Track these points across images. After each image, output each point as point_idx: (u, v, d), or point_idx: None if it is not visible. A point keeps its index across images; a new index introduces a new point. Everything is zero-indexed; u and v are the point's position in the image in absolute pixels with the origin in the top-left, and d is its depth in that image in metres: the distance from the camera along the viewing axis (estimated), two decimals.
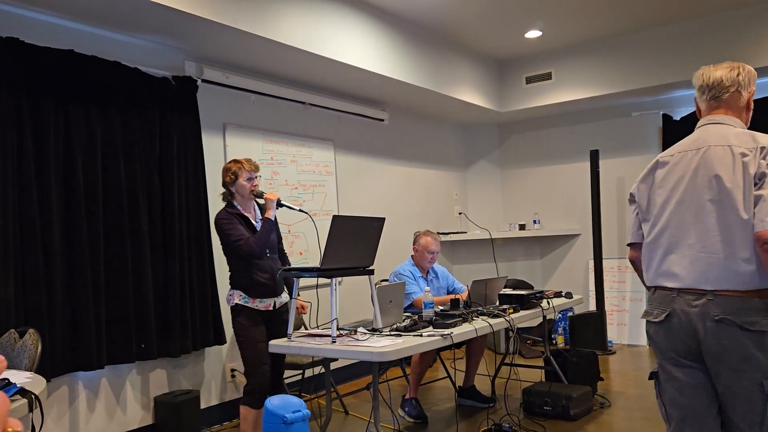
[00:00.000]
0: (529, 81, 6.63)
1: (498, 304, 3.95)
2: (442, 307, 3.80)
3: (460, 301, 3.78)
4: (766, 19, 5.39)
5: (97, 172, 3.61)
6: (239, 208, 3.46)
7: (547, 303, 4.10)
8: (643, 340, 6.40)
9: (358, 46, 4.79)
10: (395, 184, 6.30)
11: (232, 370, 4.43)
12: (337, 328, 3.16)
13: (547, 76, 6.53)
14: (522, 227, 7.07)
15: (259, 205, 3.60)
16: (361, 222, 3.21)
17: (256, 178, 3.47)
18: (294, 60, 4.51)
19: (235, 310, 3.41)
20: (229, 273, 3.48)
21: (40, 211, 3.35)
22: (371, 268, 3.25)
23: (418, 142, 6.71)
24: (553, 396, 4.07)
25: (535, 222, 7.10)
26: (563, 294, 4.51)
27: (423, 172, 6.77)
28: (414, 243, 4.50)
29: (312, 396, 4.75)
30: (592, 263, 6.49)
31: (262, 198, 3.47)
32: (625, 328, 6.55)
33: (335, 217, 2.96)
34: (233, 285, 3.45)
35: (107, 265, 3.65)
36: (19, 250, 3.25)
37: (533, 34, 5.90)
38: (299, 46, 4.24)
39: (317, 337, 3.17)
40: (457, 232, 6.94)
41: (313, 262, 4.91)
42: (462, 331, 3.26)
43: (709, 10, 5.52)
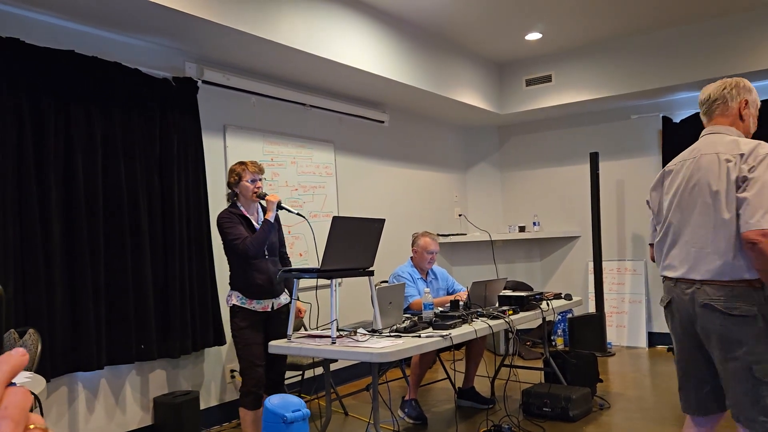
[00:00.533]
0: (529, 83, 6.64)
1: (497, 305, 3.95)
2: (441, 309, 3.80)
3: (460, 303, 3.79)
4: (765, 22, 5.41)
5: (97, 173, 3.61)
6: (242, 209, 3.48)
7: (547, 305, 4.10)
8: (643, 342, 6.41)
9: (358, 48, 4.80)
10: (395, 186, 6.31)
11: (232, 371, 4.43)
12: (337, 329, 3.16)
13: (547, 79, 6.54)
14: (522, 229, 7.07)
15: (262, 207, 3.62)
16: (361, 223, 3.22)
17: (260, 180, 3.49)
18: (294, 61, 4.52)
19: (233, 310, 3.44)
20: (228, 273, 3.50)
21: (41, 211, 3.35)
22: (371, 269, 3.26)
23: (418, 143, 6.71)
24: (553, 397, 4.07)
25: (534, 224, 7.11)
26: (563, 296, 4.52)
27: (423, 174, 6.77)
28: (413, 244, 4.50)
29: (312, 397, 4.75)
30: (591, 265, 6.50)
31: (264, 199, 3.49)
32: (625, 330, 6.55)
33: (335, 218, 2.97)
34: (232, 286, 3.47)
35: (107, 265, 3.66)
36: (19, 250, 3.25)
37: (533, 36, 5.91)
38: (300, 48, 4.25)
39: (317, 338, 3.17)
40: (456, 234, 6.95)
41: (313, 263, 4.91)
42: (461, 332, 3.26)
43: (708, 14, 5.53)
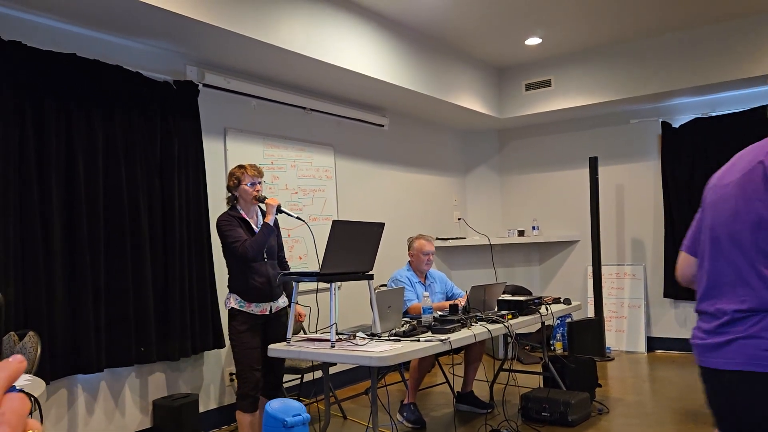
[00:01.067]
0: (529, 88, 6.66)
1: (497, 309, 3.96)
2: (440, 313, 3.81)
3: (459, 307, 3.79)
4: (764, 28, 5.43)
5: (98, 175, 3.62)
6: (241, 212, 3.49)
7: (546, 309, 4.10)
8: (642, 346, 6.41)
9: (358, 52, 4.81)
10: (395, 190, 6.32)
11: (231, 374, 4.43)
12: (336, 333, 3.16)
13: (547, 83, 6.56)
14: (521, 233, 7.08)
15: (262, 211, 3.62)
16: (360, 227, 3.23)
17: (259, 184, 3.50)
18: (295, 65, 4.53)
19: (231, 313, 3.43)
20: (227, 276, 3.50)
21: (41, 213, 3.36)
22: (370, 273, 3.26)
23: (417, 147, 6.72)
24: (552, 402, 4.07)
25: (534, 228, 7.12)
26: (562, 300, 4.52)
27: (422, 178, 6.78)
28: (409, 249, 4.51)
29: (311, 400, 4.75)
30: (590, 270, 6.51)
31: (264, 203, 3.50)
32: (624, 334, 6.55)
33: (335, 222, 2.98)
34: (231, 288, 3.47)
35: (107, 267, 3.66)
36: (19, 252, 3.26)
37: (533, 41, 5.93)
38: (300, 52, 4.26)
39: (316, 342, 3.18)
40: (456, 238, 6.95)
41: (313, 266, 4.92)
42: (460, 336, 3.26)
43: (707, 20, 5.55)
